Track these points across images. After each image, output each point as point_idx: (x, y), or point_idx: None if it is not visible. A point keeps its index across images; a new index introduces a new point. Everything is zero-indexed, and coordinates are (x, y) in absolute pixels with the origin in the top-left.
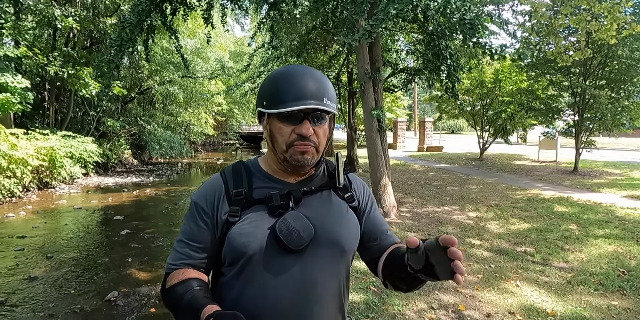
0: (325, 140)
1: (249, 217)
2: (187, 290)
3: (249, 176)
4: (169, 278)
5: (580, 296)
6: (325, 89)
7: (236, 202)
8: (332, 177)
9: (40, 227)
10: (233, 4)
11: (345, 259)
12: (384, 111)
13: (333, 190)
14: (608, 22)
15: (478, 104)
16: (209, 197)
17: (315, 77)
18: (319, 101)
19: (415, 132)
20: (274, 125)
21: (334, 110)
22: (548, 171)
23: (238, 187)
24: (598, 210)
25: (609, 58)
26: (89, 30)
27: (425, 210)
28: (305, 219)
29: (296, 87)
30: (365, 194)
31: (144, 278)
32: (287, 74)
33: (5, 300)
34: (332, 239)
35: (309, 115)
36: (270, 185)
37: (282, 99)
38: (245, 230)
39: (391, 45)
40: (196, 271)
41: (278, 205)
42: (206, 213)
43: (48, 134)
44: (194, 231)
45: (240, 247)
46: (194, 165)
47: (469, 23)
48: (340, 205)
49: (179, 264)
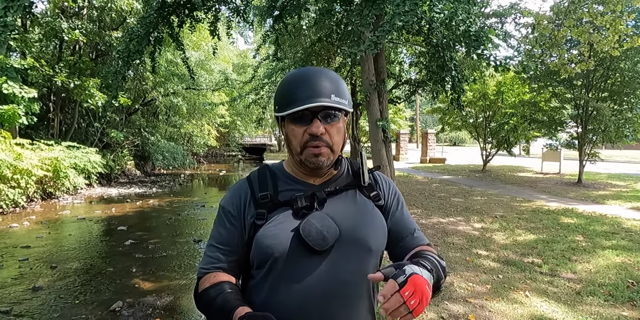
0: (340, 139)
1: (275, 219)
2: (220, 293)
3: (274, 179)
4: (201, 282)
5: (590, 307)
6: (334, 86)
7: (262, 205)
8: (357, 176)
9: (44, 237)
10: (239, 17)
11: (373, 259)
12: (389, 122)
13: (358, 189)
14: (609, 34)
15: (481, 116)
16: (236, 201)
17: (323, 76)
18: (326, 98)
19: (418, 144)
20: (288, 128)
21: (346, 107)
22: (552, 183)
23: (264, 191)
24: (604, 221)
25: (611, 70)
26: (94, 43)
27: (431, 221)
28: (329, 219)
29: (303, 87)
30: (391, 192)
31: (148, 288)
32: (294, 76)
33: (10, 310)
34: (357, 239)
35: (318, 114)
36: (295, 187)
37: (290, 100)
38: (270, 233)
39: (394, 57)
40: (227, 275)
41: (302, 207)
42: (234, 217)
43: (52, 145)
44: (222, 235)
45: (266, 249)
46: (196, 176)
47: (474, 35)
48: (366, 204)
49: (210, 267)
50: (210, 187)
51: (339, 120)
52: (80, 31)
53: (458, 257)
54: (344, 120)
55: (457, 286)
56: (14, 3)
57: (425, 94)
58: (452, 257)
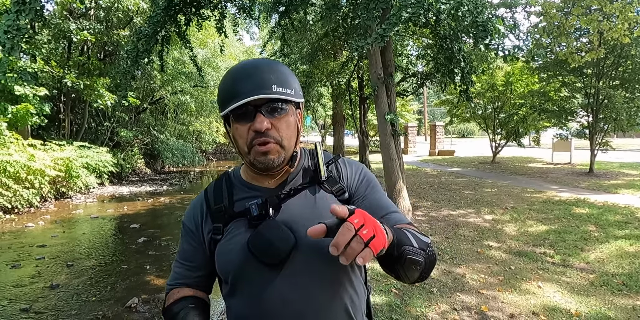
0: (291, 133)
1: (230, 233)
2: (181, 309)
3: (229, 188)
4: (167, 298)
5: (603, 297)
6: (276, 76)
7: (218, 219)
8: (317, 170)
9: (59, 236)
10: (245, 13)
11: (343, 265)
12: (397, 115)
13: (318, 185)
14: (619, 22)
15: (489, 107)
16: (195, 216)
17: (262, 67)
18: (267, 90)
19: (426, 137)
20: (233, 128)
21: (292, 98)
22: (563, 173)
23: (218, 203)
24: (617, 211)
25: (622, 58)
26: (102, 43)
27: (441, 214)
28: (282, 227)
29: (241, 81)
30: (357, 177)
31: (162, 284)
32: (233, 71)
33: (30, 308)
34: (319, 244)
35: (261, 108)
36: (251, 194)
37: (229, 96)
38: (225, 248)
39: (401, 50)
40: (192, 290)
41: (256, 216)
42: (194, 233)
43: (64, 145)
44: (186, 251)
45: (223, 266)
46: (205, 173)
47: (481, 26)
48: (328, 201)
49: (174, 283)
50: None
51: (287, 113)
52: (89, 31)
53: (469, 249)
54: (294, 112)
55: (469, 278)
56: (25, 7)
57: (433, 87)
58: (463, 249)
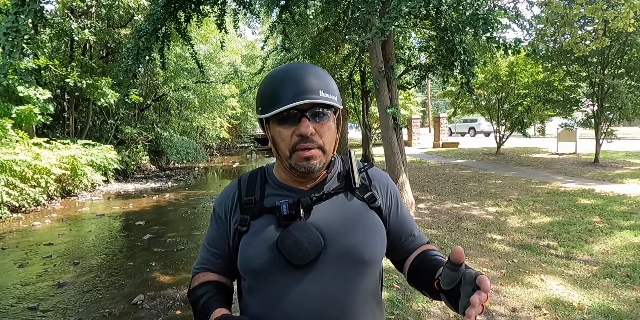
0: (332, 139)
1: (256, 228)
2: (204, 293)
3: (263, 183)
4: (193, 281)
5: (607, 289)
6: (322, 82)
7: (247, 211)
8: (349, 177)
9: (65, 234)
10: (245, 8)
11: (369, 270)
12: (399, 109)
13: (350, 191)
14: (624, 11)
15: (493, 98)
16: (225, 203)
17: (309, 72)
18: (315, 95)
19: (430, 129)
20: (274, 131)
21: (336, 104)
22: (568, 163)
23: (250, 195)
24: (622, 201)
25: (627, 46)
26: (104, 41)
27: (444, 207)
28: (312, 229)
29: (288, 85)
30: (389, 190)
31: (168, 281)
32: (278, 74)
33: (37, 306)
34: (347, 249)
35: (306, 113)
36: (282, 193)
37: (274, 100)
38: (250, 243)
39: (403, 42)
40: (217, 275)
41: (286, 215)
42: (222, 220)
43: (69, 143)
44: (213, 237)
45: (246, 261)
46: (210, 169)
47: (482, 18)
48: (359, 208)
49: (200, 268)
50: (224, 179)
51: (329, 118)
52: (90, 30)
53: (472, 242)
54: (333, 118)
55: None
56: (24, 8)
57: (436, 78)
58: (466, 242)
